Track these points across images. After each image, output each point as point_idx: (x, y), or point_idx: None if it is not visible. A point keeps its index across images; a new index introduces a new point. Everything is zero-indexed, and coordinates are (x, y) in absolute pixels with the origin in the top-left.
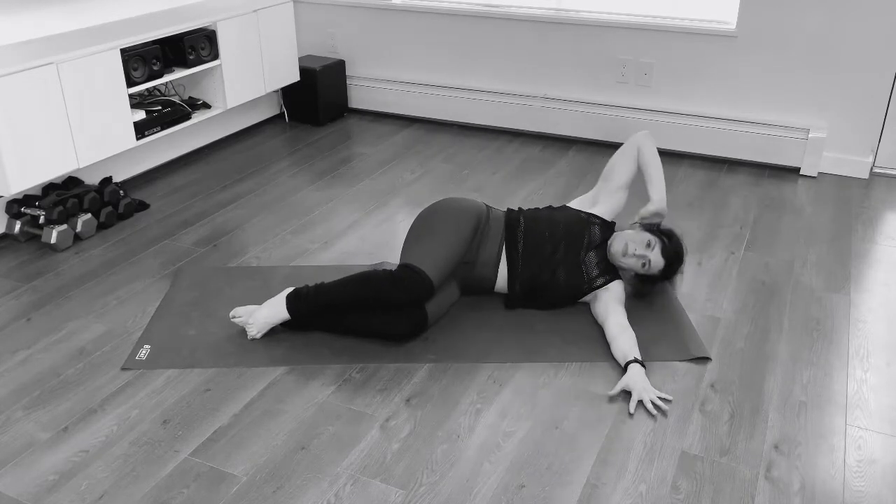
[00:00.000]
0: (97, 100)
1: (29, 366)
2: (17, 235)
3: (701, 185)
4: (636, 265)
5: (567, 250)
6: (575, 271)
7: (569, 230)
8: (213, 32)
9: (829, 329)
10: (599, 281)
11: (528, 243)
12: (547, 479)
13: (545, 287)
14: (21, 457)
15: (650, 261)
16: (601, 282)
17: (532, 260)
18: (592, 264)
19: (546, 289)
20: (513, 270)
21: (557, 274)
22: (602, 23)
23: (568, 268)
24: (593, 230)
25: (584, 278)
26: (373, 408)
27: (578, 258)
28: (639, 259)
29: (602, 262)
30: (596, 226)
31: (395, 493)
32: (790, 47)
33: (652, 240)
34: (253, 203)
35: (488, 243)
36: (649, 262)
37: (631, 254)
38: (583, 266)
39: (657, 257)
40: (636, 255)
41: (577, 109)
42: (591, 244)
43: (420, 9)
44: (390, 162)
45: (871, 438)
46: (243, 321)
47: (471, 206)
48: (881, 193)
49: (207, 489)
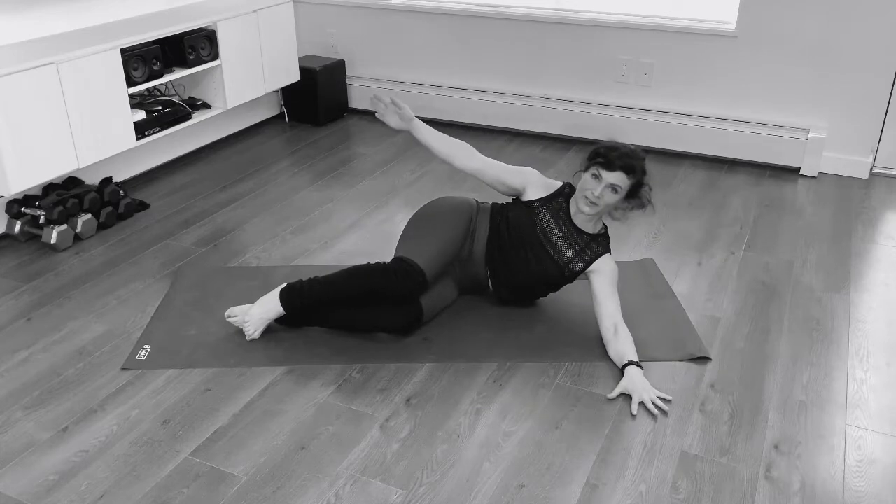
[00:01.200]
0: (97, 100)
1: (29, 366)
2: (17, 235)
3: (701, 185)
4: (590, 207)
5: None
6: (546, 260)
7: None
8: (213, 32)
9: (829, 329)
10: (578, 264)
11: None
12: (547, 479)
13: (523, 281)
14: (21, 457)
15: (600, 196)
16: (580, 264)
17: (509, 254)
18: (562, 246)
19: (525, 283)
20: (493, 266)
21: (531, 266)
22: (602, 23)
23: (538, 258)
24: (540, 213)
25: (558, 264)
26: (373, 408)
27: (543, 247)
28: (590, 203)
29: (572, 238)
30: (541, 207)
31: (395, 493)
32: (790, 47)
33: (590, 182)
34: (253, 203)
35: (479, 239)
36: (601, 198)
37: (585, 206)
38: (552, 252)
39: (607, 192)
40: (588, 202)
41: (577, 109)
42: (547, 226)
43: (420, 9)
44: (390, 162)
45: (871, 438)
46: (239, 321)
47: (462, 202)
48: (881, 193)
49: (207, 489)
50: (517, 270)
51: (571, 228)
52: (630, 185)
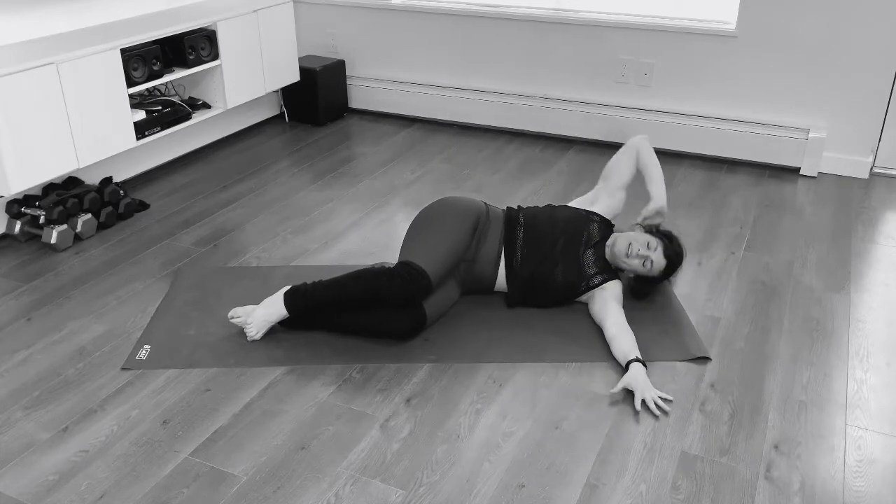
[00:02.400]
0: (97, 100)
1: (29, 366)
2: (17, 235)
3: (701, 185)
4: (638, 265)
5: (566, 246)
6: (573, 268)
7: (568, 226)
8: (213, 32)
9: (829, 329)
10: (597, 279)
11: (527, 240)
12: (547, 479)
13: (543, 284)
14: (21, 457)
15: (652, 261)
16: (599, 280)
17: (531, 256)
18: (590, 262)
19: (544, 285)
20: (511, 268)
21: (556, 270)
22: (602, 23)
23: (566, 264)
24: (592, 227)
25: (581, 276)
26: (373, 408)
27: (577, 254)
28: (641, 259)
29: (600, 260)
30: (595, 223)
31: (395, 493)
32: (790, 47)
33: (653, 241)
34: (253, 203)
35: (488, 242)
36: (651, 263)
37: (634, 254)
38: (581, 263)
39: (659, 258)
40: (639, 256)
41: (577, 109)
42: (590, 241)
43: (420, 9)
44: (390, 162)
45: (871, 438)
46: (242, 321)
47: (470, 204)
48: (881, 193)
49: (207, 489)
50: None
51: (602, 252)
52: (659, 274)
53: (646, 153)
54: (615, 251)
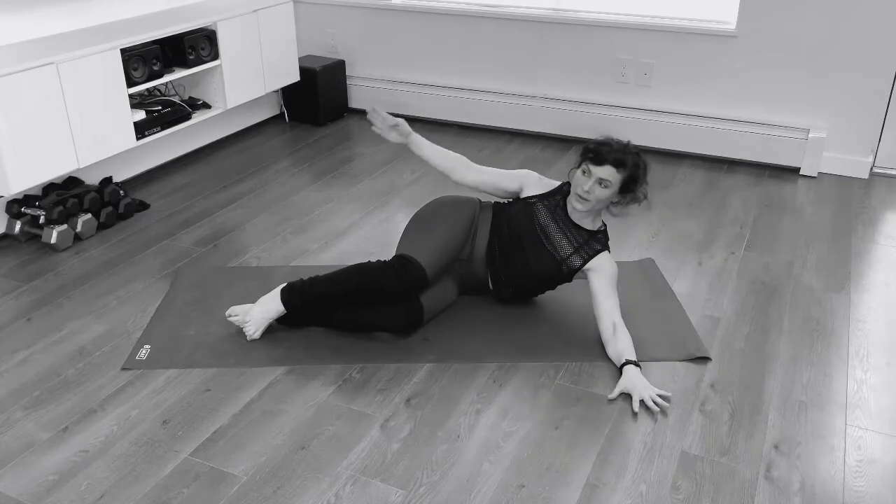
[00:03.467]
0: (97, 100)
1: (29, 366)
2: (17, 235)
3: (701, 185)
4: (581, 203)
5: (529, 239)
6: (544, 256)
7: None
8: (213, 32)
9: (829, 329)
10: (576, 260)
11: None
12: (547, 479)
13: (522, 278)
14: (21, 457)
15: (592, 190)
16: (578, 261)
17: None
18: (560, 241)
19: (524, 279)
20: (493, 265)
21: (529, 262)
22: (602, 23)
23: (536, 254)
24: (538, 209)
25: (556, 259)
26: (373, 408)
27: (542, 243)
28: (580, 198)
29: (570, 234)
30: (538, 203)
31: (395, 493)
32: (790, 47)
33: (583, 180)
34: (253, 203)
35: (480, 238)
36: (589, 192)
37: (577, 199)
38: (550, 248)
39: (596, 182)
40: (579, 196)
41: (577, 109)
42: (544, 222)
43: (420, 9)
44: (390, 162)
45: (871, 438)
46: (239, 320)
47: (465, 201)
48: (881, 193)
49: (207, 489)
50: (516, 267)
51: (569, 224)
52: (621, 179)
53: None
54: (574, 206)
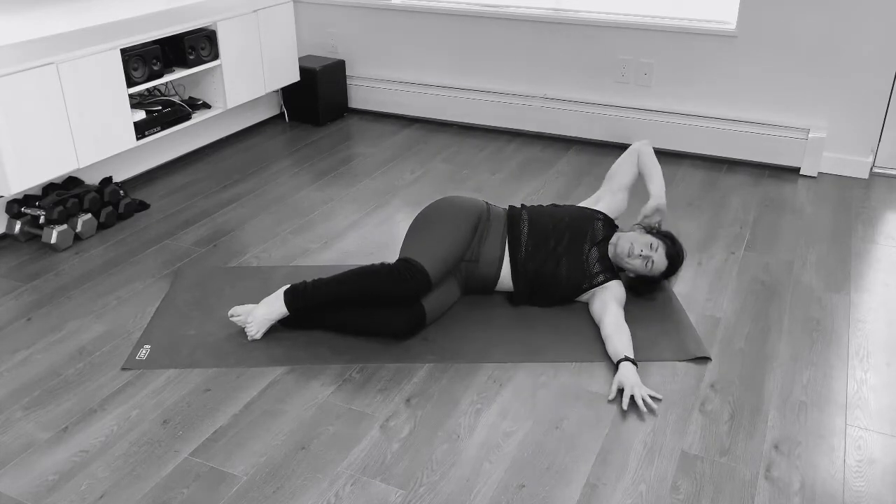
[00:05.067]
0: (97, 100)
1: (29, 366)
2: (17, 235)
3: (701, 185)
4: (640, 266)
5: (571, 242)
6: (577, 265)
7: (573, 223)
8: (213, 32)
9: (829, 329)
10: (600, 278)
11: (532, 237)
12: (547, 479)
13: (548, 281)
14: (21, 457)
15: (653, 261)
16: (601, 279)
17: (536, 254)
18: (594, 260)
19: (549, 283)
20: (516, 266)
21: (560, 266)
22: (602, 23)
23: (571, 261)
24: (597, 225)
25: (585, 273)
26: (373, 408)
27: (581, 252)
28: (643, 260)
29: (603, 259)
30: (599, 221)
31: (395, 493)
32: (790, 47)
33: (655, 242)
34: (253, 203)
35: (489, 241)
36: (652, 263)
37: (636, 254)
38: (585, 260)
39: (661, 258)
40: (641, 256)
41: (577, 109)
42: (594, 239)
43: (420, 9)
44: (390, 162)
45: (871, 438)
46: (242, 320)
47: (470, 204)
48: (881, 193)
49: (207, 489)
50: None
51: (605, 252)
52: (660, 275)
53: (646, 155)
54: (618, 251)
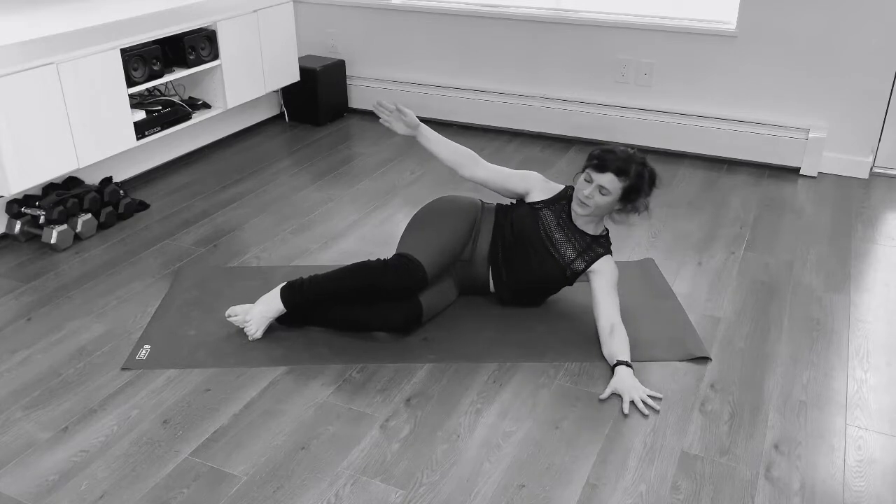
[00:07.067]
0: (97, 100)
1: (29, 366)
2: (17, 235)
3: (701, 185)
4: (582, 209)
5: (533, 243)
6: (548, 260)
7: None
8: (213, 32)
9: (829, 329)
10: (579, 264)
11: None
12: (547, 479)
13: (525, 281)
14: (21, 457)
15: (599, 193)
16: (581, 265)
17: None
18: (564, 247)
19: (527, 283)
20: (496, 266)
21: (533, 266)
22: (602, 23)
23: (540, 258)
24: (543, 214)
25: (559, 264)
26: (373, 408)
27: (546, 247)
28: (588, 200)
29: (573, 239)
30: (544, 209)
31: (395, 493)
32: (790, 47)
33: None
34: (253, 203)
35: (481, 241)
36: (589, 197)
37: (581, 202)
38: (554, 252)
39: (609, 182)
40: (583, 203)
41: (577, 109)
42: (549, 227)
43: (420, 9)
44: (390, 162)
45: (871, 438)
46: (239, 320)
47: (467, 202)
48: (881, 193)
49: (207, 489)
50: (520, 270)
51: (573, 229)
52: (622, 188)
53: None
54: (575, 210)
